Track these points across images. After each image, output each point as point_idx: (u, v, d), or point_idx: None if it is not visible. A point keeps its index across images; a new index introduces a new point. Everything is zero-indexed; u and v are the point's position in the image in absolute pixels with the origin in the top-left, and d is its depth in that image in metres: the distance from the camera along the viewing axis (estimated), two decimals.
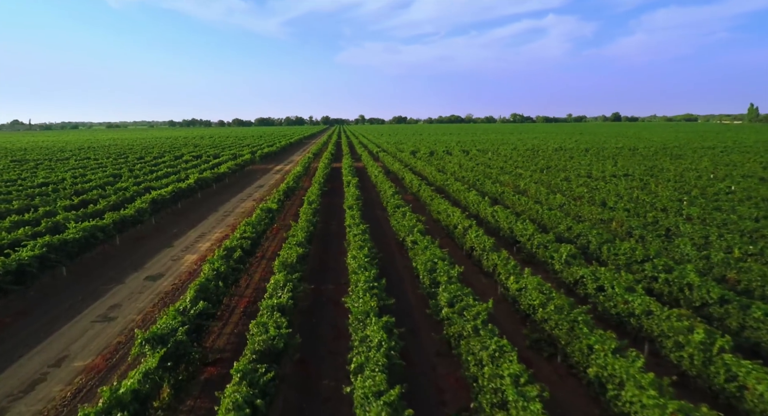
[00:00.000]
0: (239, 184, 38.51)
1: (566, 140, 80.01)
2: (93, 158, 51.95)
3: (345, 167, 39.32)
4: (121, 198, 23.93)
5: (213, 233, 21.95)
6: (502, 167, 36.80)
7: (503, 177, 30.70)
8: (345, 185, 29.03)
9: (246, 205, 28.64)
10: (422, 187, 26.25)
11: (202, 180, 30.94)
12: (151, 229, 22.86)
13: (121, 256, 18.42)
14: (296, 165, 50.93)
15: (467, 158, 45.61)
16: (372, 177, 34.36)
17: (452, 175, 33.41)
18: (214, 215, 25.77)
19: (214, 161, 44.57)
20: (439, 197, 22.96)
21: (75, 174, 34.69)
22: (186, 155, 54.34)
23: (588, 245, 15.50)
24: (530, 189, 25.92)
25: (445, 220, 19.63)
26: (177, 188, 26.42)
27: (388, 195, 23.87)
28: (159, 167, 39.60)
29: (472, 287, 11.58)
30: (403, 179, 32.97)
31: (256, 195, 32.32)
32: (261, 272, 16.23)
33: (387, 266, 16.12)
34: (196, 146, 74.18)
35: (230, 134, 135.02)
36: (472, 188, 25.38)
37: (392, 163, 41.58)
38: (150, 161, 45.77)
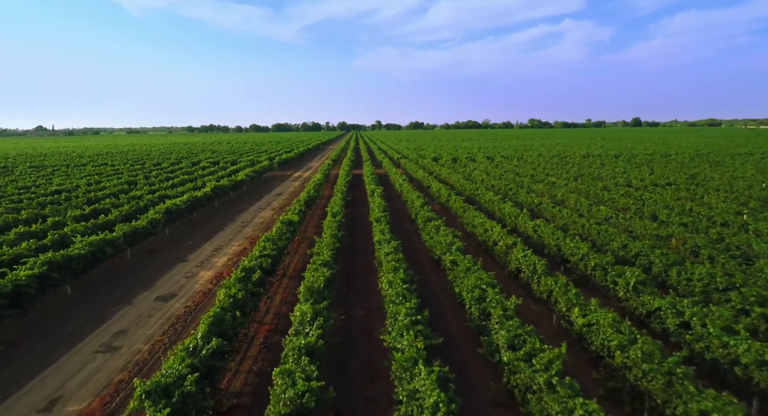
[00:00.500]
0: (257, 191, 37.25)
1: (591, 145, 77.52)
2: (110, 164, 51.37)
3: (366, 174, 37.82)
4: (134, 208, 22.71)
5: (230, 246, 20.54)
6: (532, 175, 34.90)
7: (536, 186, 28.83)
8: (369, 194, 27.46)
9: (265, 215, 27.26)
10: (452, 197, 24.55)
11: (218, 188, 29.70)
12: (164, 241, 21.56)
13: (132, 271, 17.07)
14: (315, 172, 49.62)
15: (492, 165, 43.75)
16: (396, 185, 32.75)
17: (482, 183, 31.62)
18: (231, 226, 24.41)
19: (232, 167, 43.49)
20: (473, 208, 21.25)
21: (90, 181, 33.79)
22: (203, 161, 53.48)
23: (650, 266, 13.64)
24: (569, 200, 24.04)
25: (483, 235, 17.90)
26: (192, 197, 25.16)
27: (417, 206, 22.22)
28: (175, 174, 38.59)
29: (520, 316, 9.88)
30: (429, 188, 31.29)
31: (275, 204, 30.96)
32: (282, 293, 14.70)
33: (422, 289, 14.44)
34: (214, 152, 73.55)
35: (248, 140, 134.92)
36: (507, 199, 23.60)
37: (415, 170, 39.95)
38: (166, 168, 44.88)
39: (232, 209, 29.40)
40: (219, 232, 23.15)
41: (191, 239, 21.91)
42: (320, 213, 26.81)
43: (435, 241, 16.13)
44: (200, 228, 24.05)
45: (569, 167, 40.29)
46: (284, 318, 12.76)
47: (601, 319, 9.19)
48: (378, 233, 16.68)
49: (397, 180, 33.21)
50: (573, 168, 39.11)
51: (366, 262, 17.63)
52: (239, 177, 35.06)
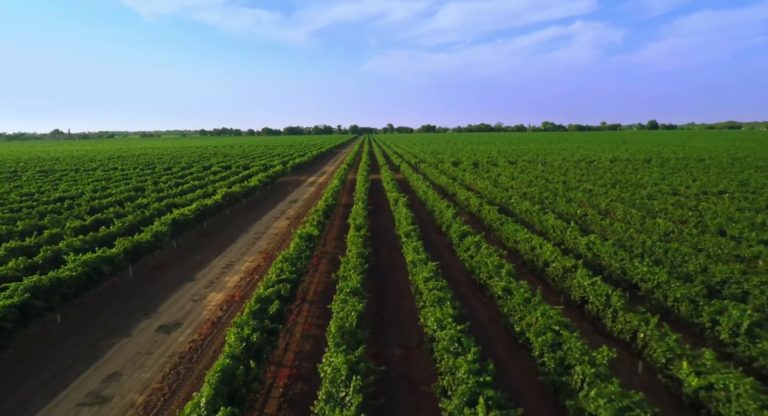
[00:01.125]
0: (271, 198, 35.36)
1: (614, 149, 74.69)
2: (120, 168, 49.95)
3: (385, 180, 35.76)
4: (138, 218, 20.87)
5: (242, 261, 18.57)
6: (564, 182, 32.54)
7: (573, 194, 26.52)
8: (392, 203, 25.34)
9: (279, 225, 25.29)
10: (484, 207, 22.36)
11: (230, 195, 27.82)
12: (170, 255, 19.66)
13: (132, 293, 15.15)
14: (331, 177, 47.70)
15: (517, 170, 41.40)
16: (419, 192, 30.62)
17: (512, 191, 29.33)
18: (243, 238, 22.46)
19: (244, 172, 41.71)
20: (511, 221, 19.05)
21: (96, 187, 32.16)
22: (215, 165, 51.86)
23: (743, 297, 11.34)
24: (615, 210, 21.73)
25: (529, 253, 15.68)
26: (202, 206, 23.27)
27: (447, 217, 20.07)
28: (185, 180, 36.87)
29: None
30: (456, 196, 29.11)
31: (290, 212, 29.00)
32: (303, 324, 12.65)
33: (467, 320, 12.29)
34: (226, 155, 72.09)
35: (260, 143, 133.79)
36: (547, 209, 21.36)
37: (437, 175, 37.78)
38: (177, 173, 43.25)
39: (244, 218, 27.49)
40: (230, 245, 21.21)
41: (200, 252, 19.98)
42: (339, 224, 24.80)
43: (477, 262, 13.97)
44: (210, 240, 22.13)
45: (601, 173, 37.83)
46: (307, 359, 10.70)
47: (730, 384, 6.96)
48: (410, 251, 14.57)
49: (419, 187, 31.08)
50: (606, 174, 36.64)
51: (396, 283, 15.53)
52: (252, 183, 33.20)
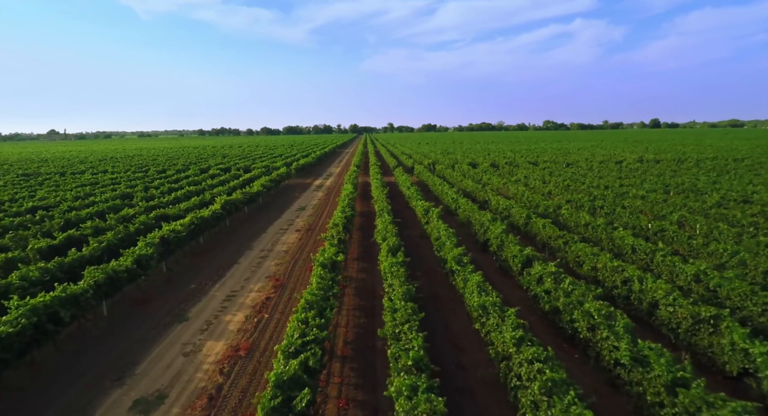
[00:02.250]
0: (276, 205, 31.68)
1: (634, 148, 71.10)
2: (111, 171, 46.22)
3: (403, 183, 32.15)
4: (120, 235, 17.19)
5: (247, 291, 14.92)
6: (606, 186, 28.88)
7: (627, 202, 22.90)
8: (420, 213, 21.61)
9: (288, 239, 21.61)
10: (533, 219, 18.72)
11: (230, 204, 24.15)
12: (159, 281, 16.00)
13: (101, 343, 11.48)
14: (339, 180, 43.98)
15: (545, 172, 37.74)
16: (446, 199, 26.92)
17: (556, 197, 25.63)
18: (247, 257, 18.81)
19: (245, 176, 38.01)
20: (577, 241, 15.43)
21: (79, 194, 28.45)
22: (213, 167, 48.14)
23: None
24: (690, 223, 18.11)
25: (621, 288, 12.02)
26: (198, 219, 19.60)
27: (495, 233, 16.43)
28: (180, 185, 33.17)
29: None
30: (488, 203, 25.42)
31: (300, 222, 25.32)
32: (338, 400, 9.00)
33: None
34: (225, 156, 68.33)
35: (260, 143, 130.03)
36: (615, 224, 17.73)
37: (459, 178, 34.11)
38: (171, 177, 39.52)
39: (247, 230, 23.81)
40: (232, 267, 17.55)
41: (195, 278, 16.32)
42: (358, 237, 21.17)
43: (568, 305, 10.34)
44: (207, 260, 18.47)
45: (640, 175, 34.21)
46: None
47: None
48: (474, 290, 10.95)
49: (445, 192, 27.40)
50: (648, 177, 33.00)
51: (448, 328, 11.87)
52: (255, 188, 29.52)
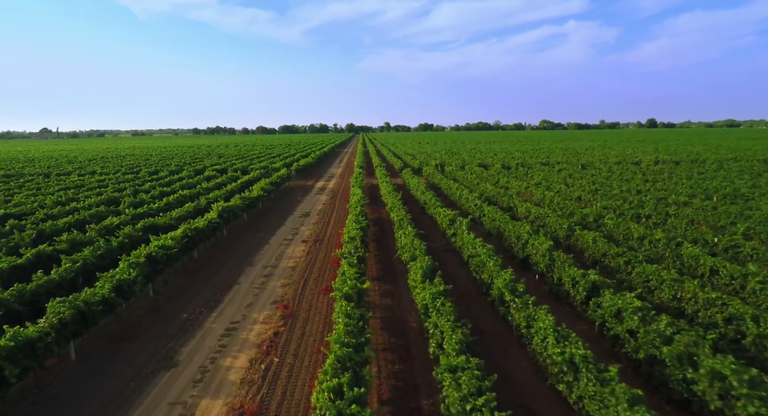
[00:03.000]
0: (277, 210, 29.10)
1: (642, 149, 68.92)
2: (100, 171, 43.45)
3: (414, 187, 29.65)
4: (99, 252, 14.59)
5: (251, 322, 12.38)
6: (638, 190, 26.48)
7: (674, 210, 20.48)
8: (444, 224, 19.04)
9: (295, 252, 19.05)
10: (582, 233, 16.26)
11: (228, 211, 21.57)
12: (143, 308, 13.42)
13: (64, 405, 8.89)
14: (346, 183, 41.18)
15: (561, 174, 35.33)
16: (467, 205, 24.41)
17: (591, 204, 23.14)
18: (248, 276, 16.24)
19: (243, 178, 35.37)
20: (641, 257, 12.97)
21: (60, 199, 25.75)
22: (208, 168, 45.45)
23: None
24: (761, 236, 15.70)
25: (730, 330, 9.55)
26: (192, 230, 17.03)
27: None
28: (173, 188, 30.51)
29: None
30: (515, 209, 22.93)
31: (305, 231, 22.75)
32: None
33: None
34: (221, 156, 65.58)
35: (256, 142, 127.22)
36: (680, 239, 15.27)
37: (475, 181, 31.63)
38: (163, 179, 36.83)
39: (247, 241, 21.22)
40: (231, 288, 14.99)
41: (187, 304, 13.76)
42: (374, 248, 18.62)
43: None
44: (202, 280, 15.89)
45: (667, 178, 31.85)
46: None
47: None
48: (550, 346, 8.47)
49: (465, 197, 24.90)
50: (681, 180, 30.62)
51: (515, 383, 9.36)
52: (254, 193, 26.92)
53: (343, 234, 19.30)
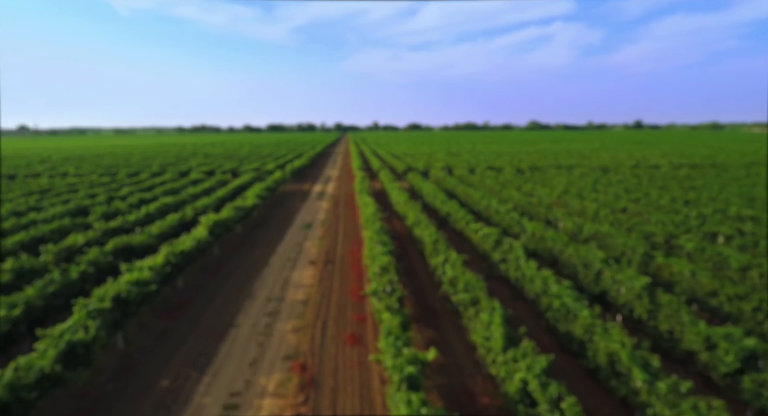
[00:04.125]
0: (274, 220, 25.53)
1: (648, 151, 66.55)
2: (73, 173, 39.33)
3: (430, 195, 26.33)
4: (50, 290, 10.96)
5: (257, 394, 8.92)
6: (687, 202, 23.47)
7: (750, 227, 17.45)
8: (490, 248, 15.69)
9: (303, 278, 15.57)
10: (667, 264, 13.06)
11: (220, 225, 18.00)
12: (107, 370, 9.87)
13: None
14: (347, 187, 37.53)
15: (584, 179, 32.31)
16: (509, 223, 21.11)
17: (644, 218, 19.99)
18: (247, 314, 12.73)
19: (235, 181, 31.68)
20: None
21: (18, 207, 21.88)
22: (194, 170, 41.57)
23: None
24: None
25: None
26: (175, 256, 13.46)
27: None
28: (154, 193, 26.75)
29: None
30: (554, 223, 19.68)
31: (311, 249, 19.26)
32: None
33: None
34: (207, 156, 61.52)
35: (243, 141, 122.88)
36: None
37: (497, 188, 28.36)
38: (144, 182, 32.95)
39: (242, 261, 17.66)
40: (226, 335, 11.48)
41: (168, 363, 10.22)
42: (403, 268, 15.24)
43: None
44: (187, 321, 12.34)
45: (701, 185, 28.99)
46: None
47: None
48: None
49: (493, 207, 21.61)
50: (728, 187, 27.72)
51: None
52: (249, 201, 23.35)
53: (364, 257, 15.92)
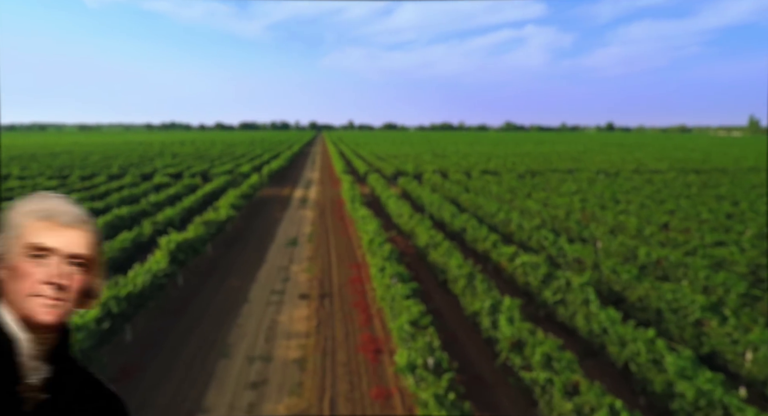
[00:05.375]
0: (252, 235, 21.70)
1: (637, 154, 65.00)
2: (16, 175, 34.43)
3: (435, 206, 22.98)
4: None
5: None
6: (729, 215, 20.71)
7: None
8: (537, 283, 12.33)
9: (294, 322, 11.89)
10: None
11: (186, 248, 14.15)
12: None
13: None
14: (330, 192, 33.59)
15: (595, 186, 29.50)
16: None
17: (689, 236, 17.01)
18: (220, 385, 9.01)
19: (205, 187, 27.63)
20: None
21: None
22: (159, 172, 37.12)
23: None
24: None
25: None
26: (119, 303, 9.63)
27: None
28: (108, 201, 22.55)
29: None
30: (590, 242, 16.51)
31: (300, 276, 15.58)
32: None
33: None
34: (175, 156, 56.69)
35: (215, 139, 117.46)
36: None
37: (507, 197, 25.17)
38: (99, 187, 28.53)
39: (212, 296, 13.83)
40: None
41: None
42: None
43: None
44: (137, 400, 8.58)
45: (725, 193, 26.51)
46: None
47: None
48: None
49: (517, 223, 18.31)
50: (755, 197, 25.23)
51: None
52: (222, 213, 19.49)
53: (370, 290, 12.36)
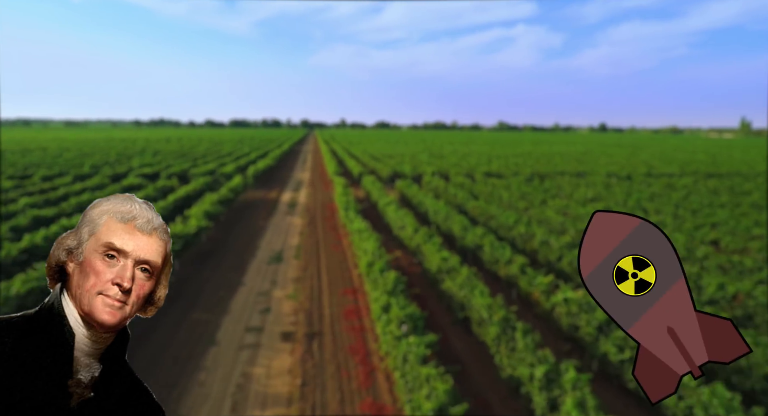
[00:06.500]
0: (229, 248, 18.73)
1: (642, 157, 62.77)
2: None
3: (441, 215, 20.13)
4: None
5: None
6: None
7: None
8: (592, 334, 9.57)
9: (273, 379, 8.98)
10: None
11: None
12: None
13: None
14: (326, 196, 30.59)
15: (611, 191, 26.86)
16: (551, 255, 15.04)
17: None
18: None
19: (180, 190, 24.60)
20: None
21: None
22: (134, 171, 33.93)
23: None
24: None
25: None
26: None
27: None
28: (62, 207, 19.50)
29: None
30: None
31: (285, 305, 12.66)
32: None
33: None
34: (156, 153, 53.37)
35: (203, 137, 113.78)
36: None
37: (521, 207, 22.40)
38: (58, 190, 25.33)
39: (171, 335, 10.90)
40: None
41: None
42: None
43: None
44: None
45: (758, 200, 24.00)
46: None
47: None
48: None
49: (542, 240, 15.53)
50: None
51: None
52: (192, 224, 16.54)
53: (370, 330, 9.54)
